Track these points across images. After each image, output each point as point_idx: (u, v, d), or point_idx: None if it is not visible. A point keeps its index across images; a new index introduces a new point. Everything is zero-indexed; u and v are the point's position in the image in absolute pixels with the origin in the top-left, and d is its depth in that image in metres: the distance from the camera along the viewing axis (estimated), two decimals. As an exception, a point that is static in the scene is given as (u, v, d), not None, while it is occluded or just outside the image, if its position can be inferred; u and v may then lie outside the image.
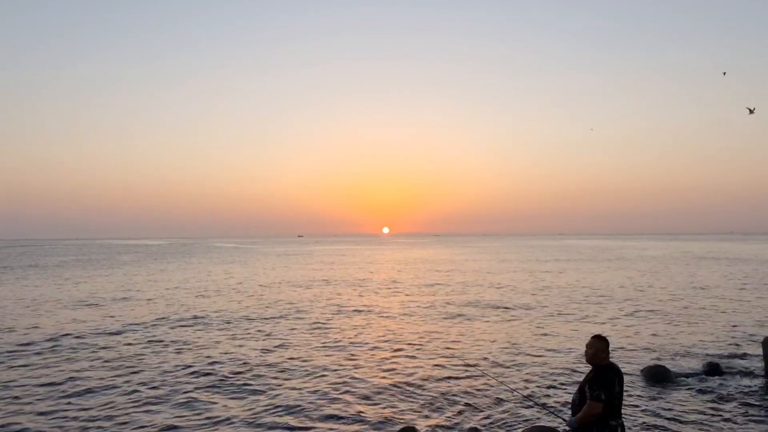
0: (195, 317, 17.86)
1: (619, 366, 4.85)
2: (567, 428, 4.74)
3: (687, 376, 10.09)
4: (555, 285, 28.12)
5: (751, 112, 18.69)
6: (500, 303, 21.01)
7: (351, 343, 13.63)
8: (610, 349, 4.84)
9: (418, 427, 7.52)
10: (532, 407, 8.26)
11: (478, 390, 9.38)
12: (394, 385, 9.72)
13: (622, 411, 4.82)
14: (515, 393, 8.79)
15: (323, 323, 16.61)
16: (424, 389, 9.48)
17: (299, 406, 8.61)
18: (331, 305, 20.88)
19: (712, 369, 10.41)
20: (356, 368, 11.02)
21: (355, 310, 19.49)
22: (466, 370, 10.65)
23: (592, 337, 4.83)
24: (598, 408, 4.50)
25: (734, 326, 15.42)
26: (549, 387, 9.58)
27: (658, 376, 9.87)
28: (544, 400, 8.71)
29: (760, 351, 11.83)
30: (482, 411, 8.33)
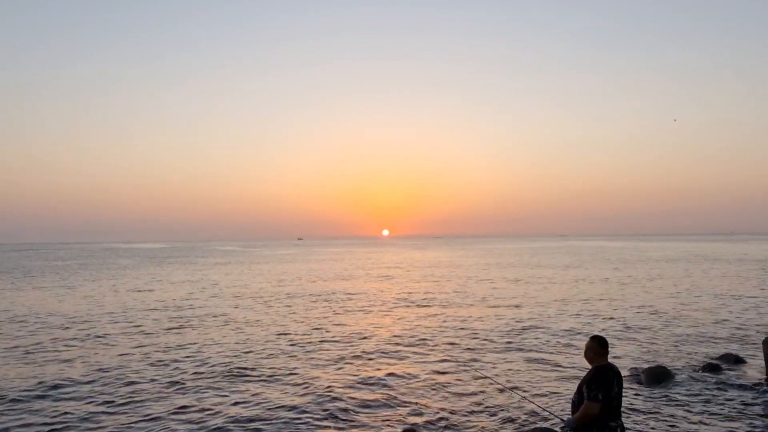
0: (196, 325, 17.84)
1: (619, 367, 4.85)
2: (566, 428, 4.72)
3: (687, 377, 10.07)
4: (554, 286, 28.11)
5: None
6: (499, 304, 20.99)
7: (350, 345, 13.62)
8: (610, 349, 4.84)
9: (418, 430, 7.51)
10: (532, 408, 8.24)
11: (478, 392, 9.37)
12: (394, 387, 9.71)
13: (622, 412, 4.81)
14: (514, 394, 8.78)
15: (324, 326, 16.60)
16: (423, 391, 9.46)
17: (300, 408, 8.60)
18: (330, 308, 20.88)
19: (713, 370, 10.41)
20: (356, 370, 11.01)
21: (354, 313, 19.49)
22: (466, 372, 10.63)
23: (591, 338, 4.86)
24: (595, 408, 4.49)
25: (734, 327, 15.40)
26: (548, 388, 9.56)
27: (658, 377, 9.85)
28: (543, 401, 8.68)
29: (760, 351, 11.82)
30: (482, 412, 8.31)
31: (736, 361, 11.28)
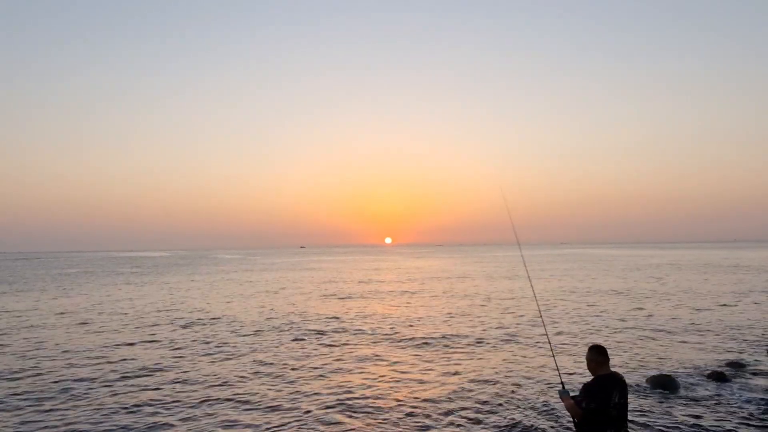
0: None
1: (625, 376, 4.89)
2: (560, 394, 4.91)
3: (693, 385, 10.10)
4: (558, 293, 28.05)
5: None
6: (504, 309, 20.96)
7: (356, 356, 13.67)
8: (616, 359, 4.86)
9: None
10: (534, 414, 8.23)
11: (482, 402, 9.40)
12: (404, 393, 9.77)
13: (627, 421, 4.81)
14: (518, 407, 8.79)
15: (329, 337, 16.65)
16: (432, 400, 9.50)
17: (308, 419, 8.66)
18: (334, 320, 20.90)
19: (718, 377, 10.42)
20: (359, 380, 11.07)
21: (359, 322, 19.52)
22: (471, 378, 10.65)
23: (589, 349, 4.88)
24: (577, 413, 4.63)
25: (740, 334, 15.39)
26: (551, 398, 9.56)
27: (663, 386, 9.89)
28: (543, 410, 8.69)
29: (765, 359, 11.82)
30: (482, 422, 8.33)
31: (742, 368, 11.30)
